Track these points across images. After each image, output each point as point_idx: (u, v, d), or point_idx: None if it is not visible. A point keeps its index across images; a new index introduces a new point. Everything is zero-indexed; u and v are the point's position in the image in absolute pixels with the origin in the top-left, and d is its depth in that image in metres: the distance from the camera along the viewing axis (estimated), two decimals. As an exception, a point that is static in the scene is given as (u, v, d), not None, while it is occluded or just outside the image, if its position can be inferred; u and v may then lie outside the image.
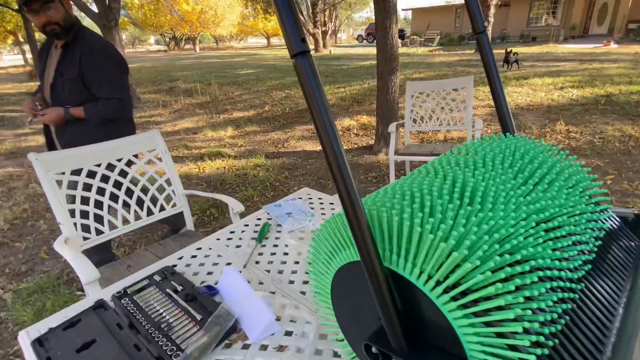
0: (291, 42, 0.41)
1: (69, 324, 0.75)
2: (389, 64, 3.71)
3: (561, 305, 0.46)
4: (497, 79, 0.80)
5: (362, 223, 0.45)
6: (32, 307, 1.82)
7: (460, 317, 0.43)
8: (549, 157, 0.69)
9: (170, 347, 0.68)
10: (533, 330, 0.41)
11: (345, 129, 4.85)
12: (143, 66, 14.78)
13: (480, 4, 0.72)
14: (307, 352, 0.71)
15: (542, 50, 12.52)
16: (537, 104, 5.16)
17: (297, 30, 0.41)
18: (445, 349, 0.46)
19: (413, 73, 8.44)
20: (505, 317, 0.40)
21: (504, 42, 18.34)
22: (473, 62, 10.32)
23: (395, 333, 0.47)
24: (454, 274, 0.43)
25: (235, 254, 1.04)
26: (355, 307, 0.56)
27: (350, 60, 13.36)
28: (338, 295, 0.59)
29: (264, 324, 0.74)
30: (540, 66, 8.49)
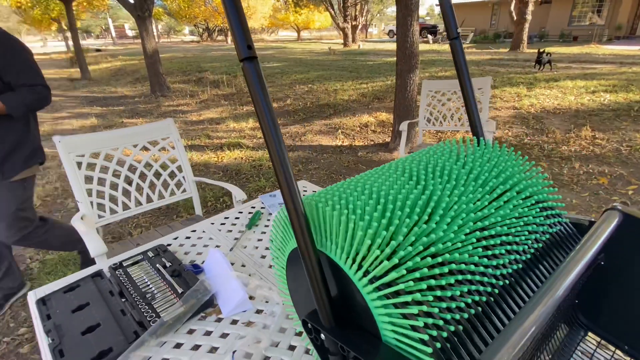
0: (239, 48, 0.47)
1: (68, 288, 0.85)
2: (408, 61, 3.69)
3: (473, 297, 0.50)
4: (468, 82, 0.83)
5: (299, 212, 0.51)
6: (54, 276, 2.00)
7: (375, 299, 0.48)
8: (510, 167, 0.72)
9: (150, 314, 0.77)
10: (437, 316, 0.46)
11: (362, 125, 4.87)
12: (175, 56, 15.25)
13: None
14: (272, 329, 0.78)
15: (581, 51, 11.91)
16: (564, 108, 4.97)
17: (244, 38, 0.46)
18: (365, 327, 0.51)
19: (438, 71, 8.28)
20: (404, 300, 0.45)
21: (541, 42, 17.55)
22: (504, 61, 9.99)
23: (324, 312, 0.53)
24: (377, 268, 0.48)
25: (225, 237, 1.12)
26: (301, 288, 0.62)
27: (377, 56, 13.23)
28: (290, 276, 0.66)
29: (236, 301, 0.82)
30: (575, 68, 8.12)
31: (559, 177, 3.08)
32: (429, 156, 0.79)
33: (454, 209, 0.61)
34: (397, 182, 0.65)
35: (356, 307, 0.53)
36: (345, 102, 6.14)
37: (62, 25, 15.19)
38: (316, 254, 0.52)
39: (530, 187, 0.72)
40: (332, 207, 0.55)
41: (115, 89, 8.69)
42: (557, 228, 0.69)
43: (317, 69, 10.12)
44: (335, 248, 0.54)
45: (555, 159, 3.44)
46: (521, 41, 12.93)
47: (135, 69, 11.47)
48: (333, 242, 0.54)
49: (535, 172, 0.75)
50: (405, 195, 0.61)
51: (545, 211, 0.72)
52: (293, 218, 0.50)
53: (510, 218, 0.65)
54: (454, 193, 0.63)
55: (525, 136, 4.08)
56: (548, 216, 0.72)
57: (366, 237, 0.50)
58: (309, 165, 3.67)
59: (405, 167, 0.73)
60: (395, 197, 0.60)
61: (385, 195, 0.60)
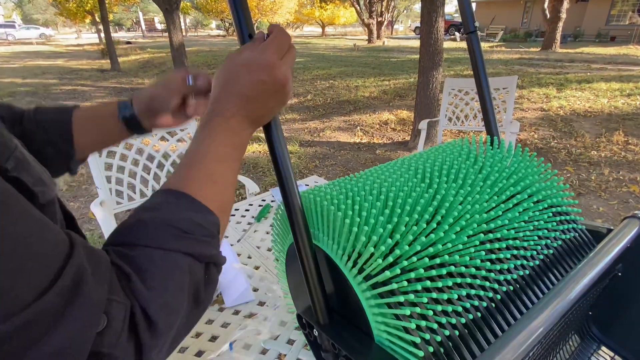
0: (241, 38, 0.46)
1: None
2: (432, 58, 3.61)
3: (472, 301, 0.48)
4: (484, 78, 0.80)
5: (296, 207, 0.50)
6: (75, 259, 2.09)
7: (369, 297, 0.47)
8: (524, 168, 0.69)
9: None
10: (432, 319, 0.45)
11: (382, 123, 4.81)
12: (201, 49, 15.52)
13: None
14: (273, 321, 0.78)
15: (618, 52, 11.33)
16: (596, 111, 4.74)
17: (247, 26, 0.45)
18: (358, 325, 0.50)
19: (464, 69, 8.06)
20: (398, 300, 0.44)
21: (576, 41, 16.80)
22: (534, 60, 9.62)
23: (318, 308, 0.52)
24: (372, 266, 0.47)
25: (234, 229, 1.13)
26: (299, 284, 0.62)
27: (401, 53, 13.03)
28: (290, 271, 0.66)
29: (240, 292, 0.82)
30: (610, 69, 7.72)
31: (585, 182, 2.95)
32: (438, 153, 0.76)
33: (459, 210, 0.59)
34: (402, 178, 0.64)
35: (351, 304, 0.52)
36: (365, 99, 6.09)
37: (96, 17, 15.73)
38: (312, 250, 0.51)
39: (544, 191, 0.69)
40: (337, 207, 0.54)
41: (142, 81, 8.93)
42: (572, 235, 0.65)
43: (340, 65, 10.07)
44: (332, 244, 0.53)
45: (583, 164, 3.29)
46: (554, 40, 12.40)
47: (162, 61, 11.75)
48: (334, 241, 0.53)
49: (550, 174, 0.72)
50: (407, 192, 0.59)
51: (558, 216, 0.69)
52: (290, 212, 0.50)
53: (518, 222, 0.63)
54: (460, 193, 0.61)
55: (552, 139, 3.92)
56: (562, 221, 0.68)
57: (370, 242, 0.49)
58: (326, 161, 3.66)
59: (411, 163, 0.71)
60: (397, 194, 0.58)
61: (387, 191, 0.58)
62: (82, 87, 8.16)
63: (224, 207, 0.37)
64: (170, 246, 0.30)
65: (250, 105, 0.40)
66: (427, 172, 0.66)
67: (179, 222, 0.31)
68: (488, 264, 0.54)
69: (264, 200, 1.31)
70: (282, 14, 25.74)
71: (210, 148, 0.37)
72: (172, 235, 0.30)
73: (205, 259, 0.32)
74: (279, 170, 0.48)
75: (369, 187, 0.61)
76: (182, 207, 0.33)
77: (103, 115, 0.53)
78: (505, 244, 0.58)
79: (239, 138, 0.40)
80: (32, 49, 18.89)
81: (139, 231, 0.31)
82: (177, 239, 0.30)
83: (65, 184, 3.12)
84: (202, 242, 0.32)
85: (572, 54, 11.06)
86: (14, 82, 8.75)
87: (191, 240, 0.31)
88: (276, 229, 0.66)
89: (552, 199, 0.69)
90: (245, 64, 0.39)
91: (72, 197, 2.91)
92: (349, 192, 0.59)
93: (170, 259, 0.30)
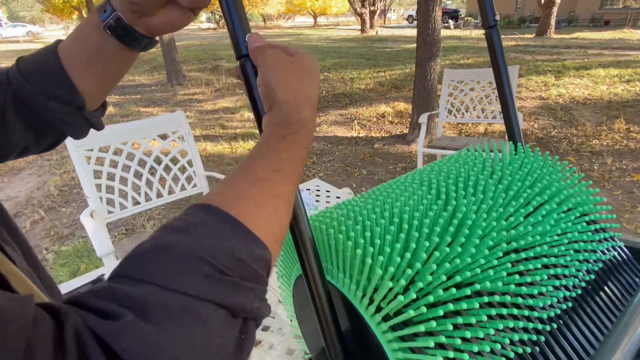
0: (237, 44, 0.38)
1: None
2: (429, 49, 3.53)
3: (511, 336, 0.42)
4: (506, 79, 0.73)
5: (306, 238, 0.43)
6: (68, 268, 2.01)
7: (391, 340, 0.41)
8: (547, 174, 0.63)
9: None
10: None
11: (379, 116, 4.73)
12: (191, 44, 15.25)
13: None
14: (279, 349, 0.72)
15: (613, 37, 11.26)
16: (596, 98, 4.69)
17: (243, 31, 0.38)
18: (381, 374, 0.44)
19: (460, 59, 7.97)
20: (425, 345, 0.38)
21: (570, 26, 16.72)
22: (530, 47, 9.54)
23: (334, 351, 0.46)
24: (391, 304, 0.41)
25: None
26: (309, 319, 0.55)
27: (396, 43, 12.87)
28: (297, 303, 0.59)
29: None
30: (607, 55, 7.66)
31: (589, 173, 2.90)
32: (450, 165, 0.70)
33: (482, 227, 0.52)
34: (415, 196, 0.57)
35: (370, 346, 0.46)
36: (361, 91, 5.99)
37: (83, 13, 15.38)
38: (325, 288, 0.44)
39: (573, 198, 0.62)
40: (346, 235, 0.47)
41: (132, 77, 8.75)
42: (612, 254, 0.59)
43: (334, 57, 9.92)
44: (343, 277, 0.47)
45: (585, 154, 3.24)
46: (548, 26, 12.31)
47: (153, 57, 11.53)
48: (346, 274, 0.47)
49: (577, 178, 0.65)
50: (423, 212, 0.53)
51: (592, 224, 0.63)
52: (299, 245, 0.43)
53: (550, 235, 0.56)
54: (482, 208, 0.54)
55: (552, 128, 3.87)
56: (597, 230, 0.62)
57: (386, 275, 0.42)
58: (324, 157, 3.59)
59: (423, 178, 0.65)
60: (411, 215, 0.52)
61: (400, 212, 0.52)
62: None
63: (278, 240, 0.29)
64: (198, 292, 0.20)
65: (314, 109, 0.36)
66: (442, 187, 0.59)
67: (215, 255, 0.22)
68: (523, 288, 0.48)
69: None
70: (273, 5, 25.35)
71: (284, 166, 0.31)
72: (202, 276, 0.21)
73: (244, 313, 0.22)
74: None
75: (379, 209, 0.54)
76: (224, 233, 0.24)
77: (88, 35, 0.41)
78: (540, 262, 0.52)
79: (307, 151, 0.36)
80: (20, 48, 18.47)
81: (156, 261, 0.21)
82: (210, 281, 0.21)
83: (56, 188, 3.03)
84: (243, 288, 0.22)
85: (567, 40, 10.99)
86: (1, 82, 8.53)
87: (228, 285, 0.22)
88: (282, 254, 0.59)
89: (582, 206, 0.63)
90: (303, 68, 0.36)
91: (64, 203, 2.82)
92: (357, 217, 0.53)
93: (193, 310, 0.20)
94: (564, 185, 0.65)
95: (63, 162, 3.59)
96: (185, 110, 5.57)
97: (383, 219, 0.51)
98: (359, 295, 0.46)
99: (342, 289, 0.48)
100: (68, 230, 2.44)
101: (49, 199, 2.87)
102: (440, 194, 0.58)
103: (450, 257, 0.47)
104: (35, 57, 0.42)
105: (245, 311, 0.23)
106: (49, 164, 3.57)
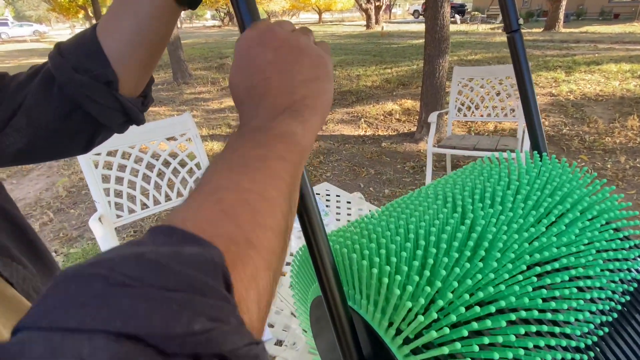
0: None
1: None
2: (438, 45, 3.48)
3: (543, 355, 0.40)
4: (529, 86, 0.70)
5: (325, 260, 0.42)
6: (78, 271, 2.03)
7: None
8: (567, 181, 0.60)
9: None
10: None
11: (386, 114, 4.69)
12: (197, 42, 15.27)
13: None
14: (292, 364, 0.71)
15: (624, 30, 11.05)
16: (608, 94, 4.60)
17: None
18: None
19: (468, 54, 7.87)
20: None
21: (579, 20, 16.43)
22: (539, 42, 9.39)
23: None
24: (411, 326, 0.39)
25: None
26: (328, 341, 0.54)
27: (402, 38, 12.76)
28: (316, 323, 0.57)
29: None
30: (619, 49, 7.51)
31: (601, 171, 2.85)
32: (465, 176, 0.67)
33: (503, 240, 0.50)
34: (430, 210, 0.55)
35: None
36: (368, 89, 5.95)
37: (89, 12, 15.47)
38: (348, 315, 0.42)
39: (597, 205, 0.60)
40: (361, 254, 0.45)
41: (139, 77, 8.77)
42: (637, 252, 0.56)
43: (339, 53, 9.86)
44: (360, 299, 0.45)
45: (598, 152, 3.18)
46: (557, 20, 12.11)
47: (159, 55, 11.55)
48: (362, 295, 0.45)
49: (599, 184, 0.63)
50: (439, 227, 0.51)
51: (619, 232, 0.60)
52: (318, 268, 0.41)
53: (577, 246, 0.54)
54: (501, 220, 0.52)
55: (563, 126, 3.80)
56: (625, 237, 0.59)
57: (405, 294, 0.41)
58: (331, 156, 3.56)
59: (437, 191, 0.62)
60: (428, 230, 0.50)
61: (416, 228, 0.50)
62: (78, 86, 8.04)
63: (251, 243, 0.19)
64: (79, 321, 0.12)
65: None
66: (458, 200, 0.57)
67: (113, 265, 0.14)
68: (552, 303, 0.46)
69: (272, 213, 1.23)
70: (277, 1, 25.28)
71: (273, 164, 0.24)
72: (91, 296, 0.13)
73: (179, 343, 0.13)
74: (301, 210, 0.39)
75: (394, 226, 0.52)
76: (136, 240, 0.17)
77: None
78: (567, 274, 0.49)
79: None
80: (26, 47, 18.66)
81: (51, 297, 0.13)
82: (101, 300, 0.13)
83: (64, 189, 3.05)
84: (166, 302, 0.13)
85: (577, 34, 10.80)
86: (9, 83, 8.61)
87: (135, 299, 0.13)
88: (298, 273, 0.58)
89: (608, 213, 0.60)
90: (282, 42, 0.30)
91: (72, 204, 2.84)
92: (372, 234, 0.51)
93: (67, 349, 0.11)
94: (585, 192, 0.63)
95: (71, 163, 3.62)
96: (192, 109, 5.57)
97: (398, 236, 0.49)
98: (378, 317, 0.44)
99: (359, 310, 0.46)
100: (77, 232, 2.45)
101: (57, 201, 2.89)
102: (456, 207, 0.56)
103: (472, 273, 0.45)
104: (78, 33, 0.40)
105: (179, 339, 0.13)
106: (57, 165, 3.59)
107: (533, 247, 0.50)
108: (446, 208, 0.55)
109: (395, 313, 0.42)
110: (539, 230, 0.53)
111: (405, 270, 0.44)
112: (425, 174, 2.68)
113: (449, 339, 0.40)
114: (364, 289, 0.45)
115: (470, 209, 0.54)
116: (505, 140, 2.63)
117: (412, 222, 0.52)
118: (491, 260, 0.46)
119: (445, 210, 0.55)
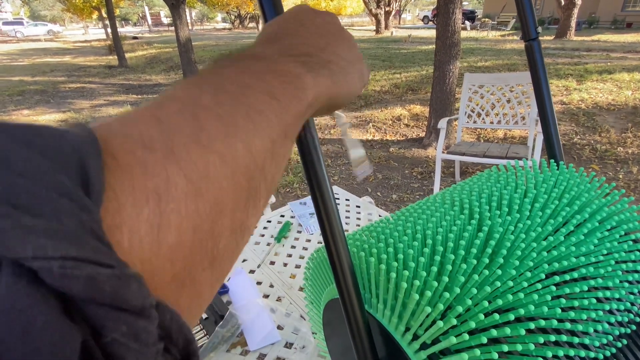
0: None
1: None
2: (449, 51, 3.47)
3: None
4: (547, 94, 0.70)
5: (344, 264, 0.42)
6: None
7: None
8: (585, 191, 0.59)
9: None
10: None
11: (395, 119, 4.68)
12: (207, 44, 15.42)
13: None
14: (302, 366, 0.71)
15: (636, 39, 10.94)
16: (620, 104, 4.55)
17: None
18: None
19: (477, 61, 7.83)
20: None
21: (591, 28, 16.31)
22: (550, 50, 9.33)
23: (370, 382, 0.44)
24: (428, 331, 0.39)
25: (252, 251, 1.05)
26: (342, 344, 0.54)
27: (411, 44, 12.76)
28: (328, 325, 0.57)
29: (264, 333, 0.75)
30: (631, 58, 7.43)
31: (613, 182, 2.81)
32: (481, 183, 0.67)
33: (521, 248, 0.49)
34: (447, 217, 0.55)
35: (407, 377, 0.44)
36: (377, 94, 5.95)
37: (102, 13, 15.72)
38: (365, 318, 0.42)
39: (616, 215, 0.59)
40: (378, 258, 0.45)
41: (149, 77, 8.88)
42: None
43: (349, 58, 9.87)
44: (376, 303, 0.45)
45: (610, 162, 3.14)
46: (568, 28, 12.03)
47: (169, 56, 11.70)
48: (379, 300, 0.45)
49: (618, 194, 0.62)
50: (457, 233, 0.50)
51: (638, 243, 0.59)
52: (337, 271, 0.41)
53: (595, 256, 0.53)
54: (518, 227, 0.52)
55: (574, 135, 3.77)
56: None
57: (423, 300, 0.40)
58: (338, 160, 3.57)
59: (454, 197, 0.62)
60: (445, 236, 0.50)
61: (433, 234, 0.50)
62: (90, 85, 8.16)
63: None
64: None
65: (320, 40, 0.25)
66: (475, 207, 0.56)
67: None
68: (571, 313, 0.45)
69: (282, 216, 1.23)
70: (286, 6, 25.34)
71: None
72: None
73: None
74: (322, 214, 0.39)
75: (410, 231, 0.52)
76: None
77: None
78: (586, 284, 0.49)
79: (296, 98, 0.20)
80: (40, 46, 19.00)
81: None
82: None
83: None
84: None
85: (588, 42, 10.71)
86: (23, 81, 8.77)
87: None
88: (311, 276, 0.58)
89: (627, 224, 0.60)
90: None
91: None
92: (388, 239, 0.51)
93: None
94: (604, 202, 0.62)
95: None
96: (201, 110, 5.61)
97: (416, 241, 0.49)
98: (395, 322, 0.44)
99: (376, 314, 0.46)
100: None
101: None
102: (473, 214, 0.56)
103: (490, 280, 0.45)
104: None
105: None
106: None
107: (552, 256, 0.49)
108: (463, 215, 0.55)
109: (412, 318, 0.42)
110: (558, 240, 0.52)
111: (424, 276, 0.44)
112: (433, 180, 2.67)
113: (467, 345, 0.40)
114: (381, 293, 0.45)
115: (487, 216, 0.53)
116: (515, 148, 2.61)
117: (429, 228, 0.52)
118: (509, 268, 0.46)
119: (462, 217, 0.54)
